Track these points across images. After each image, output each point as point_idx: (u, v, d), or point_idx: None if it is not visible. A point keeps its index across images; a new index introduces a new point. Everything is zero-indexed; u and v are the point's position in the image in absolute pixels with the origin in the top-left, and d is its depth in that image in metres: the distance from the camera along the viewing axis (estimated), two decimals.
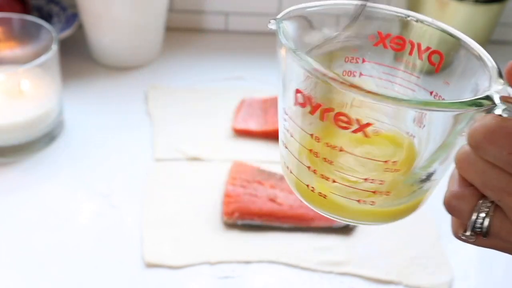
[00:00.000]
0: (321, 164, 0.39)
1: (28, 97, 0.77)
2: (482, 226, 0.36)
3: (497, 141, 0.33)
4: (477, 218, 0.36)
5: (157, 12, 0.96)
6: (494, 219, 0.36)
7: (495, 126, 0.34)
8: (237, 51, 1.06)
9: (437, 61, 0.42)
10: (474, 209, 0.36)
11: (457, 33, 0.41)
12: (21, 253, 0.66)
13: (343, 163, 0.38)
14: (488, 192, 0.35)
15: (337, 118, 0.36)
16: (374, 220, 0.42)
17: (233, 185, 0.73)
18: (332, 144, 0.38)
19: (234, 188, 0.73)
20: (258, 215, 0.70)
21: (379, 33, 0.43)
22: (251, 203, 0.71)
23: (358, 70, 0.44)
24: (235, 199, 0.71)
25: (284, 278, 0.65)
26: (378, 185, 0.38)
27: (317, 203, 0.42)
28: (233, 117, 0.87)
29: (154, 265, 0.66)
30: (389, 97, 0.34)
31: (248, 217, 0.70)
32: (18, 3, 0.93)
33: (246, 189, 0.73)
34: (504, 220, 0.35)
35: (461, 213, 0.37)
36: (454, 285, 0.66)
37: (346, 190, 0.39)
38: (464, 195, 0.36)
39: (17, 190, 0.74)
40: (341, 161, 0.38)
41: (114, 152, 0.81)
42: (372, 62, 0.44)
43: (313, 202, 0.42)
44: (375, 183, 0.38)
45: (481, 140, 0.34)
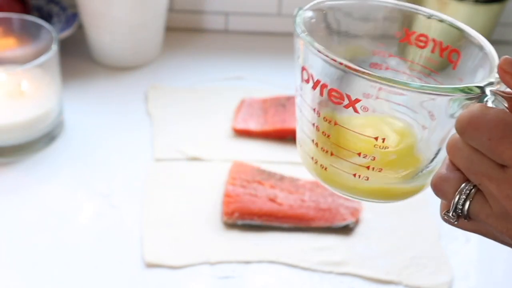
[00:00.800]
0: (321, 137, 0.43)
1: (28, 97, 0.77)
2: (463, 208, 0.38)
3: (479, 127, 0.36)
4: (459, 199, 0.38)
5: (157, 12, 0.96)
6: (474, 201, 0.38)
7: (478, 113, 0.36)
8: (237, 51, 1.06)
9: (455, 59, 0.45)
10: (457, 191, 0.38)
11: (472, 32, 0.44)
12: (21, 253, 0.66)
13: (338, 137, 0.42)
14: (471, 176, 0.37)
15: (331, 94, 0.40)
16: (370, 197, 0.45)
17: (233, 185, 0.73)
18: (328, 118, 0.42)
19: (234, 188, 0.73)
20: (258, 215, 0.70)
21: (405, 30, 0.46)
22: (251, 203, 0.71)
23: (384, 64, 0.47)
24: (235, 199, 0.71)
25: (284, 278, 0.65)
26: (370, 161, 0.42)
27: (320, 175, 0.45)
28: (233, 117, 0.87)
29: (154, 265, 0.66)
30: (386, 78, 0.37)
31: (248, 217, 0.70)
32: (18, 3, 0.93)
33: (246, 189, 0.73)
34: (484, 204, 0.38)
35: (446, 195, 0.39)
36: (454, 285, 0.66)
37: (342, 164, 0.43)
38: (449, 178, 0.39)
39: (17, 190, 0.74)
40: (336, 135, 0.42)
41: (114, 152, 0.81)
42: (397, 57, 0.47)
43: (317, 174, 0.46)
44: (367, 159, 0.42)
45: (466, 126, 0.36)
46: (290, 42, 1.18)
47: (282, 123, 0.84)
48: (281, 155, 0.81)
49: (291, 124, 0.83)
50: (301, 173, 0.78)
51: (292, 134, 0.82)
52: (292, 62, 1.08)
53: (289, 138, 0.84)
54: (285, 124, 0.83)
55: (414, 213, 0.74)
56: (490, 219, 0.38)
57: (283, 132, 0.83)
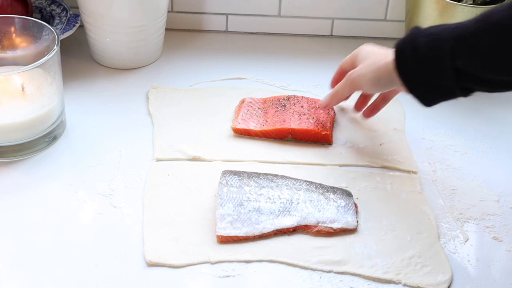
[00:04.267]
0: None
1: (30, 98, 0.78)
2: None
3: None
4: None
5: (157, 13, 0.97)
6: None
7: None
8: (237, 51, 1.07)
9: None
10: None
11: None
12: (23, 252, 0.67)
13: None
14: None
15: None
16: None
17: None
18: None
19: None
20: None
21: None
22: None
23: None
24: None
25: (284, 277, 0.66)
26: None
27: None
28: (233, 117, 0.87)
29: (154, 265, 0.66)
30: None
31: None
32: (20, 4, 0.93)
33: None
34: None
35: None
36: (453, 284, 0.66)
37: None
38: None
39: (18, 189, 0.75)
40: None
41: (115, 152, 0.81)
42: None
43: None
44: None
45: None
46: (290, 42, 1.20)
47: (282, 123, 0.84)
48: (281, 155, 0.82)
49: (291, 124, 0.83)
50: (301, 173, 0.79)
51: (292, 134, 0.83)
52: (291, 62, 1.09)
53: (289, 138, 0.84)
54: (285, 124, 0.84)
55: (413, 213, 0.74)
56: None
57: (283, 132, 0.84)
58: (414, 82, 0.70)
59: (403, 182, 0.79)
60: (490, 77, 0.65)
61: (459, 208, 0.76)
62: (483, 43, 0.63)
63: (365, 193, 0.77)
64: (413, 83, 0.70)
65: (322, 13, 1.10)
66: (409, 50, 0.68)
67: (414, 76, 0.69)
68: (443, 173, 0.81)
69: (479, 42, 0.63)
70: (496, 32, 0.62)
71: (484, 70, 0.64)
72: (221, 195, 0.72)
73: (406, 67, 0.69)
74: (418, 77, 0.69)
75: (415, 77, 0.69)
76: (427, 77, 0.68)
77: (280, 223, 0.70)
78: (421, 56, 0.67)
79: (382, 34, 1.12)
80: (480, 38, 0.63)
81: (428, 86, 0.69)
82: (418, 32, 0.69)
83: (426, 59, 0.67)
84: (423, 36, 0.67)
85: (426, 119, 0.91)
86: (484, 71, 0.64)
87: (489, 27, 0.62)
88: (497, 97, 0.96)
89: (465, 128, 0.89)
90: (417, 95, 0.70)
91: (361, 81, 0.77)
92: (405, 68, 0.69)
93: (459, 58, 0.64)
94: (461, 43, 0.64)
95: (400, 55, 0.70)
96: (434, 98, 0.70)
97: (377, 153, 0.83)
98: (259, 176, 0.75)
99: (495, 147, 0.87)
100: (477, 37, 0.63)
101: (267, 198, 0.72)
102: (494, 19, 0.62)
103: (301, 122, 0.84)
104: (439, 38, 0.66)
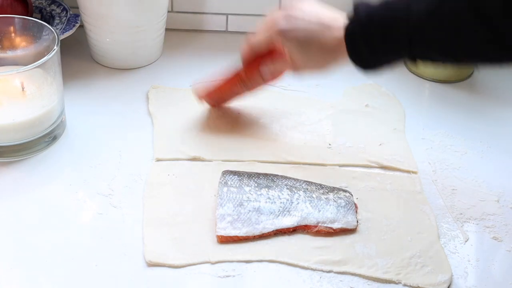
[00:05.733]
0: None
1: (30, 98, 0.78)
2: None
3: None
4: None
5: (157, 13, 0.97)
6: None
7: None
8: (237, 51, 1.07)
9: None
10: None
11: None
12: (23, 252, 0.67)
13: None
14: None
15: None
16: None
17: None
18: None
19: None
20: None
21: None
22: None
23: None
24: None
25: (284, 277, 0.66)
26: None
27: None
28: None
29: (154, 265, 0.66)
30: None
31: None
32: (20, 4, 0.93)
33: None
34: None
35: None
36: (453, 284, 0.66)
37: None
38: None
39: (18, 190, 0.75)
40: None
41: (115, 152, 0.81)
42: None
43: None
44: None
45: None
46: None
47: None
48: (281, 155, 0.82)
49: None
50: (301, 173, 0.79)
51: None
52: None
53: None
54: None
55: (413, 213, 0.74)
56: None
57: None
58: (369, 66, 0.71)
59: (403, 182, 0.79)
60: (445, 60, 0.67)
61: (459, 208, 0.76)
62: (437, 31, 0.63)
63: (365, 193, 0.77)
64: (368, 67, 0.71)
65: None
66: (362, 41, 0.69)
67: (370, 63, 0.70)
68: (443, 173, 0.81)
69: (434, 31, 0.64)
70: (449, 20, 0.62)
71: (440, 55, 0.66)
72: (221, 195, 0.72)
73: (360, 56, 0.70)
74: (374, 63, 0.70)
75: (370, 63, 0.70)
76: (382, 62, 0.70)
77: (280, 223, 0.70)
78: (376, 48, 0.68)
79: None
80: (435, 28, 0.63)
81: (382, 67, 0.71)
82: (365, 17, 0.68)
83: (382, 51, 0.68)
84: (373, 25, 0.67)
85: (426, 119, 0.91)
86: (440, 56, 0.66)
87: (442, 16, 0.63)
88: (497, 97, 0.97)
89: (465, 128, 0.89)
90: (365, 72, 0.72)
91: (298, 56, 0.75)
92: (358, 55, 0.70)
93: (417, 48, 0.66)
94: (417, 35, 0.65)
95: (352, 43, 0.70)
96: (383, 70, 0.72)
97: (377, 153, 0.83)
98: (259, 176, 0.75)
99: (495, 147, 0.87)
100: (432, 27, 0.63)
101: (267, 198, 0.72)
102: (446, 7, 0.62)
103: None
104: (394, 30, 0.66)
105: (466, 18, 0.61)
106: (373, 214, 0.73)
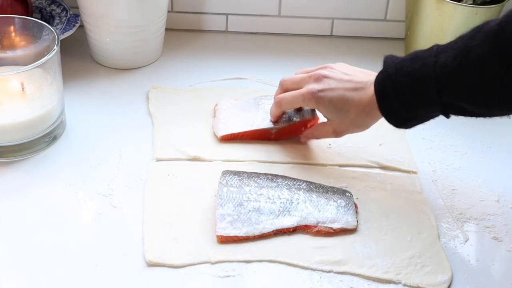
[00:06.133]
0: None
1: (30, 98, 0.78)
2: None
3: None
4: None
5: (157, 13, 0.97)
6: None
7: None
8: (237, 51, 1.07)
9: None
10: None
11: None
12: (23, 252, 0.67)
13: None
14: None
15: None
16: None
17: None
18: None
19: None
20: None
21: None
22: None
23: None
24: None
25: (284, 277, 0.66)
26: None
27: None
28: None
29: (155, 264, 0.66)
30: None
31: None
32: (20, 4, 0.93)
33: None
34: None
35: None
36: (453, 284, 0.66)
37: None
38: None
39: (18, 189, 0.75)
40: None
41: (115, 152, 0.81)
42: None
43: None
44: None
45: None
46: (290, 42, 1.20)
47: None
48: (281, 155, 0.82)
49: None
50: (301, 173, 0.79)
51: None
52: (291, 62, 1.09)
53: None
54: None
55: (413, 213, 0.74)
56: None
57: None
58: (401, 119, 0.70)
59: (403, 182, 0.79)
60: (476, 108, 0.65)
61: (459, 208, 0.76)
62: (466, 81, 0.62)
63: (365, 193, 0.77)
64: (400, 120, 0.70)
65: (322, 13, 1.10)
66: (391, 92, 0.68)
67: (401, 115, 0.69)
68: (443, 173, 0.81)
69: (462, 80, 0.62)
70: (478, 69, 0.61)
71: (470, 103, 0.64)
72: (221, 195, 0.72)
73: (391, 107, 0.69)
74: (405, 115, 0.69)
75: (401, 115, 0.69)
76: (415, 114, 0.69)
77: (280, 223, 0.70)
78: (406, 97, 0.67)
79: (382, 34, 1.12)
80: (462, 76, 0.62)
81: (416, 120, 0.70)
82: (394, 69, 0.68)
83: (412, 101, 0.67)
84: (402, 75, 0.67)
85: None
86: (471, 103, 0.64)
87: (470, 65, 0.62)
88: None
89: (465, 128, 0.89)
90: (403, 127, 0.71)
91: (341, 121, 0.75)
92: (389, 109, 0.69)
93: (445, 95, 0.64)
94: (444, 81, 0.64)
95: (382, 97, 0.69)
96: (420, 123, 0.71)
97: (377, 153, 0.83)
98: (259, 176, 0.75)
99: (495, 147, 0.87)
100: (460, 75, 0.63)
101: (267, 198, 0.72)
102: (474, 55, 0.61)
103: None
104: (421, 79, 0.65)
105: (493, 65, 0.60)
106: (373, 214, 0.73)
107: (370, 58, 1.04)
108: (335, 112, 0.74)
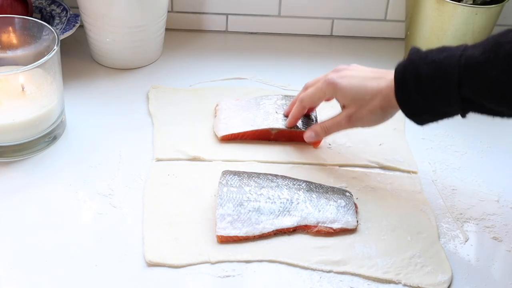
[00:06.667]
0: None
1: (30, 98, 0.78)
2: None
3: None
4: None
5: (157, 13, 0.97)
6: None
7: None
8: (237, 51, 1.07)
9: None
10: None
11: None
12: (23, 252, 0.67)
13: None
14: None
15: None
16: None
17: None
18: None
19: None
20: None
21: None
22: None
23: None
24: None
25: (284, 277, 0.66)
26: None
27: None
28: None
29: (155, 264, 0.66)
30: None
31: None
32: (20, 4, 0.93)
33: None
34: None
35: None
36: (453, 284, 0.66)
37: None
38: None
39: (18, 189, 0.75)
40: None
41: (115, 152, 0.81)
42: None
43: None
44: None
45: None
46: (290, 42, 1.20)
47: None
48: (281, 155, 0.82)
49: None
50: (301, 173, 0.79)
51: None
52: (291, 62, 1.09)
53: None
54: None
55: (413, 213, 0.74)
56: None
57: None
58: (415, 109, 0.69)
59: (403, 182, 0.79)
60: (496, 106, 0.64)
61: (459, 208, 0.76)
62: (492, 75, 0.61)
63: (365, 193, 0.77)
64: (414, 110, 0.69)
65: (322, 13, 1.10)
66: (411, 79, 0.67)
67: (416, 104, 0.68)
68: (443, 173, 0.81)
69: (488, 74, 0.61)
70: (506, 66, 0.60)
71: (491, 100, 0.63)
72: (221, 195, 0.72)
73: (408, 95, 0.68)
74: (420, 105, 0.68)
75: (417, 105, 0.68)
76: (431, 106, 0.67)
77: (280, 223, 0.70)
78: (425, 86, 0.66)
79: (382, 34, 1.12)
80: (488, 70, 0.61)
81: (430, 113, 0.68)
82: (418, 57, 0.67)
83: (431, 90, 0.66)
84: (425, 63, 0.66)
85: None
86: (491, 101, 0.63)
87: (498, 61, 0.61)
88: None
89: (465, 128, 0.89)
90: (415, 120, 0.70)
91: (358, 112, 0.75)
92: (406, 96, 0.68)
93: (466, 88, 0.63)
94: (468, 73, 0.63)
95: (401, 83, 0.68)
96: (433, 121, 0.70)
97: (377, 153, 0.83)
98: (259, 176, 0.75)
99: (495, 147, 0.87)
100: (486, 69, 0.62)
101: (267, 198, 0.72)
102: (504, 51, 0.61)
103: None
104: (444, 68, 0.64)
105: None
106: (373, 214, 0.73)
107: (370, 58, 1.05)
108: (353, 97, 0.74)
